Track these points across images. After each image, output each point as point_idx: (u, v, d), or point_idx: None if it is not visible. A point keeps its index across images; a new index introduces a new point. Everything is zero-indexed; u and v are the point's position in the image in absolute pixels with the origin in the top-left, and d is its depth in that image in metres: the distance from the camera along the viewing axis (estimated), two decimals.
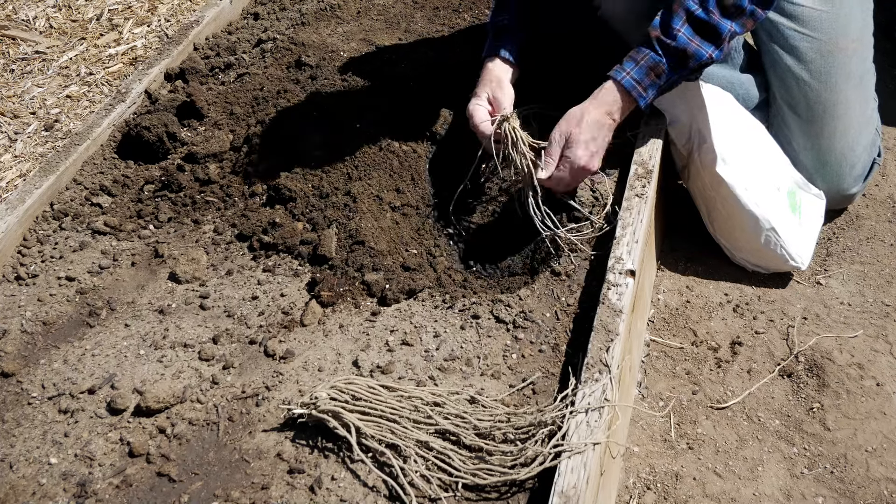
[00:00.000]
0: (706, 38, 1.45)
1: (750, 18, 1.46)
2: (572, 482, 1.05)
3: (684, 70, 1.46)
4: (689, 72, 1.48)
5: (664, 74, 1.46)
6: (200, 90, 1.89)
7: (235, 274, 1.52)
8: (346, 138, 1.66)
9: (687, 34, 1.44)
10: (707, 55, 1.45)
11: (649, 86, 1.46)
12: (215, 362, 1.34)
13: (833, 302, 1.61)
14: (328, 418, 1.17)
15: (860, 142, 1.68)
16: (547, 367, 1.28)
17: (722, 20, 1.44)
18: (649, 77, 1.46)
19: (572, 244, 1.47)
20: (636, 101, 1.46)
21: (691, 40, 1.44)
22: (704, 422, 1.43)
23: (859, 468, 1.34)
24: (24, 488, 1.17)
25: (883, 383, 1.45)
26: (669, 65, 1.45)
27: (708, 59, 1.45)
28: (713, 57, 1.45)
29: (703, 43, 1.44)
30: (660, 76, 1.46)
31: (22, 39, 2.71)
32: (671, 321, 1.60)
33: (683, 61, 1.45)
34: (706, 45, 1.45)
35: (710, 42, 1.45)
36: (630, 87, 1.46)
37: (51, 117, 2.39)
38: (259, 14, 2.23)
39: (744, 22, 1.46)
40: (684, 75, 1.49)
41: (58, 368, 1.35)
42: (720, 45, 1.45)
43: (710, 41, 1.45)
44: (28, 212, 1.64)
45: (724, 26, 1.44)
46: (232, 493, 1.14)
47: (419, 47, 1.98)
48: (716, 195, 1.58)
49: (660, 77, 1.46)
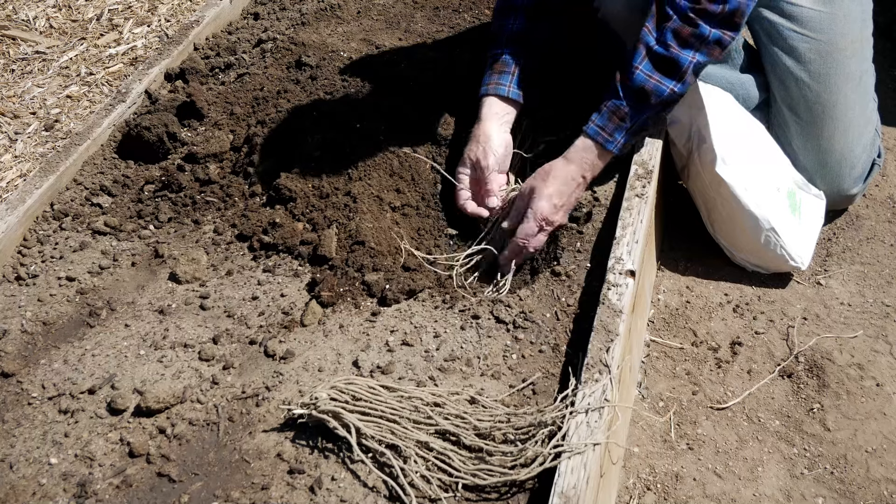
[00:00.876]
0: (665, 73, 1.43)
1: (715, 46, 1.44)
2: (572, 482, 1.05)
3: (648, 109, 1.45)
4: (653, 109, 1.46)
5: (628, 117, 1.45)
6: (200, 90, 1.89)
7: (235, 274, 1.52)
8: (347, 138, 1.66)
9: (645, 71, 1.43)
10: (668, 90, 1.43)
11: (615, 130, 1.46)
12: (215, 362, 1.34)
13: (833, 302, 1.61)
14: (328, 418, 1.17)
15: (860, 142, 1.68)
16: (547, 368, 1.28)
17: (682, 52, 1.42)
18: (612, 122, 1.46)
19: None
20: (604, 146, 1.47)
21: (650, 77, 1.43)
22: (704, 422, 1.43)
23: (859, 469, 1.34)
24: (24, 488, 1.17)
25: (883, 384, 1.45)
26: (631, 105, 1.45)
27: (669, 93, 1.43)
28: (675, 91, 1.44)
29: (664, 78, 1.43)
30: (623, 119, 1.46)
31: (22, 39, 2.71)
32: (671, 321, 1.60)
33: (644, 99, 1.44)
34: (666, 81, 1.43)
35: (671, 77, 1.43)
36: (594, 134, 1.47)
37: (51, 117, 2.39)
38: (259, 14, 2.23)
39: (709, 51, 1.43)
40: (651, 115, 1.47)
41: (58, 368, 1.35)
42: (682, 78, 1.43)
43: (669, 76, 1.43)
44: (28, 212, 1.64)
45: (685, 58, 1.42)
46: (232, 494, 1.14)
47: (419, 47, 1.98)
48: (716, 195, 1.58)
49: (624, 120, 1.46)
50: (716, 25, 1.42)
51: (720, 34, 1.43)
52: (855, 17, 1.65)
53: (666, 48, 1.42)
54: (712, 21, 1.42)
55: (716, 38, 1.43)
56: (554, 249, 1.48)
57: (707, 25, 1.42)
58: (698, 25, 1.41)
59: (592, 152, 1.48)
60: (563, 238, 1.49)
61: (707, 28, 1.42)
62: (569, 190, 1.48)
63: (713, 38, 1.43)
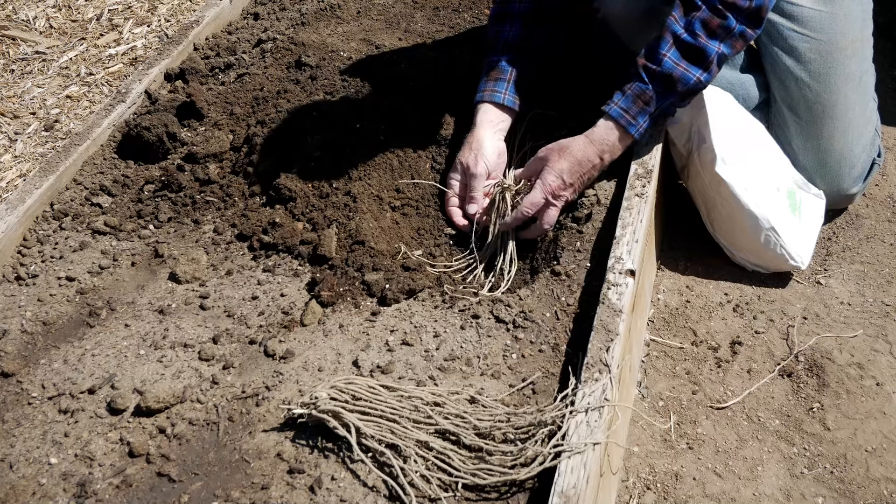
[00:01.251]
0: (693, 61, 1.44)
1: (739, 39, 1.45)
2: (572, 482, 1.05)
3: (673, 95, 1.46)
4: (679, 97, 1.46)
5: (653, 101, 1.45)
6: (200, 90, 1.89)
7: (235, 274, 1.52)
8: (347, 138, 1.66)
9: (673, 58, 1.44)
10: (695, 78, 1.44)
11: (638, 113, 1.46)
12: (215, 362, 1.34)
13: (833, 302, 1.61)
14: (328, 418, 1.17)
15: (860, 142, 1.68)
16: (547, 367, 1.28)
17: (709, 42, 1.43)
18: (637, 105, 1.46)
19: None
20: (626, 129, 1.47)
21: (677, 64, 1.43)
22: (704, 422, 1.43)
23: (859, 468, 1.34)
24: (24, 488, 1.17)
25: (883, 383, 1.45)
26: (657, 91, 1.45)
27: (696, 82, 1.44)
28: (701, 80, 1.44)
29: (690, 66, 1.44)
30: (648, 103, 1.46)
31: (22, 39, 2.71)
32: (671, 321, 1.60)
33: (671, 86, 1.44)
34: (693, 69, 1.44)
35: (697, 65, 1.44)
36: (617, 116, 1.47)
37: (51, 117, 2.39)
38: (259, 14, 2.23)
39: (732, 43, 1.44)
40: (676, 101, 1.48)
41: (58, 368, 1.35)
42: (708, 67, 1.44)
43: (696, 64, 1.44)
44: (28, 212, 1.64)
45: (712, 49, 1.43)
46: (232, 493, 1.14)
47: (419, 47, 1.98)
48: (715, 195, 1.58)
49: (648, 104, 1.46)
50: (742, 20, 1.43)
51: (744, 28, 1.44)
52: (855, 17, 1.65)
53: (694, 37, 1.43)
54: (740, 15, 1.43)
55: (740, 32, 1.44)
56: (554, 249, 1.48)
57: (734, 18, 1.43)
58: (727, 17, 1.42)
59: (614, 134, 1.47)
60: (563, 238, 1.49)
61: (734, 21, 1.43)
62: (582, 170, 1.48)
63: (738, 32, 1.44)
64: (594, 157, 1.48)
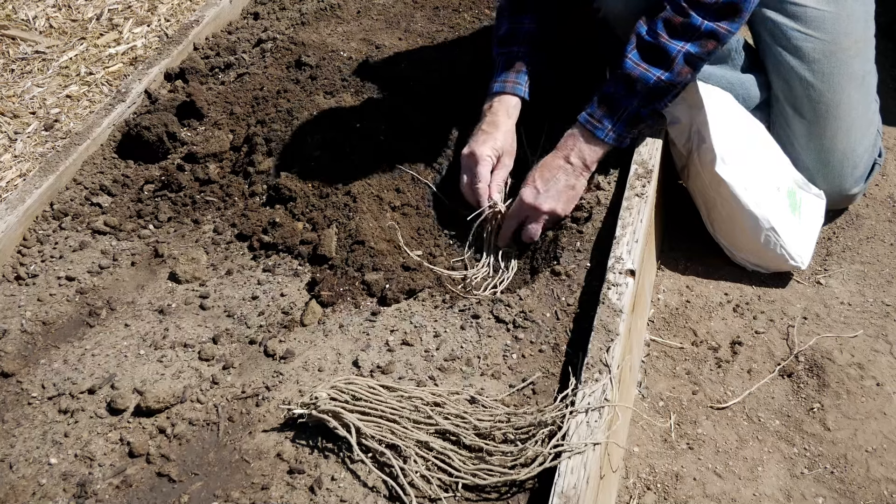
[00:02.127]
0: (653, 61, 1.44)
1: (710, 39, 1.43)
2: (572, 482, 1.05)
3: (635, 96, 1.46)
4: (641, 97, 1.46)
5: (615, 104, 1.46)
6: (200, 90, 1.89)
7: (235, 274, 1.52)
8: (347, 138, 1.66)
9: (633, 59, 1.45)
10: (654, 78, 1.44)
11: (603, 116, 1.48)
12: (215, 362, 1.34)
13: (833, 302, 1.61)
14: (328, 418, 1.17)
15: (862, 142, 1.68)
16: (547, 367, 1.28)
17: (671, 41, 1.43)
18: (601, 108, 1.48)
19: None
20: (592, 133, 1.48)
21: (637, 65, 1.44)
22: (704, 422, 1.43)
23: (859, 468, 1.34)
24: (24, 488, 1.17)
25: (883, 383, 1.45)
26: (619, 93, 1.46)
27: (656, 81, 1.44)
28: (662, 80, 1.44)
29: (650, 67, 1.44)
30: (611, 106, 1.47)
31: (22, 39, 2.71)
32: (671, 321, 1.60)
33: (631, 87, 1.45)
34: (653, 69, 1.44)
35: (658, 65, 1.44)
36: (584, 121, 1.49)
37: (51, 117, 2.39)
38: (259, 14, 2.23)
39: (702, 42, 1.43)
40: (642, 102, 1.47)
41: (58, 368, 1.35)
42: (670, 67, 1.43)
43: (657, 64, 1.44)
44: (28, 212, 1.64)
45: (673, 48, 1.43)
46: (232, 494, 1.14)
47: (419, 47, 1.98)
48: (715, 195, 1.58)
49: (612, 107, 1.47)
50: (710, 17, 1.42)
51: (713, 26, 1.43)
52: (859, 17, 1.65)
53: (655, 37, 1.44)
54: (705, 12, 1.42)
55: (709, 30, 1.43)
56: (554, 249, 1.48)
57: (698, 16, 1.42)
58: (689, 15, 1.42)
59: (578, 138, 1.50)
60: (563, 238, 1.49)
61: (699, 19, 1.42)
62: (551, 175, 1.50)
63: (706, 30, 1.43)
64: (561, 160, 1.50)
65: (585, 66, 1.77)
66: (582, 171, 1.51)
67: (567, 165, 1.50)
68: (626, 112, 1.47)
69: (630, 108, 1.47)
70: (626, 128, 1.50)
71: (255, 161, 1.69)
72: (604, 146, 1.50)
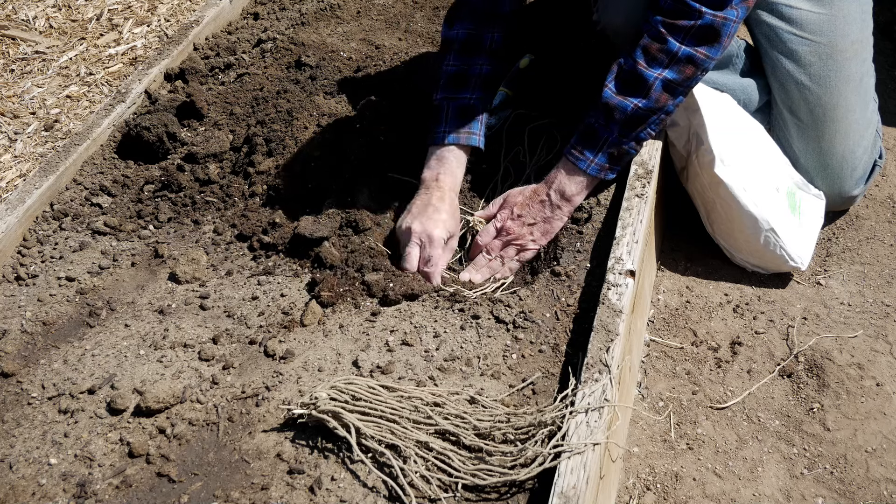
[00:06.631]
0: (631, 89, 1.44)
1: (688, 64, 1.42)
2: (572, 483, 1.05)
3: (615, 125, 1.45)
4: (620, 126, 1.45)
5: (597, 134, 1.46)
6: (200, 90, 1.89)
7: (235, 274, 1.52)
8: (346, 138, 1.66)
9: (612, 89, 1.45)
10: (632, 106, 1.43)
11: (584, 148, 1.48)
12: (215, 362, 1.34)
13: (833, 302, 1.61)
14: (328, 418, 1.17)
15: (861, 144, 1.68)
16: (547, 368, 1.28)
17: (648, 69, 1.42)
18: (583, 140, 1.48)
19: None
20: (575, 164, 1.48)
21: (615, 94, 1.44)
22: (704, 422, 1.43)
23: (859, 468, 1.34)
24: (23, 488, 1.17)
25: (883, 383, 1.45)
26: (599, 123, 1.46)
27: (633, 109, 1.43)
28: (640, 107, 1.43)
29: (628, 96, 1.44)
30: (593, 136, 1.47)
31: (22, 39, 2.71)
32: (671, 321, 1.60)
33: (610, 116, 1.45)
34: (631, 98, 1.43)
35: (635, 94, 1.43)
36: (566, 153, 1.50)
37: (51, 117, 2.39)
38: (259, 14, 2.23)
39: (680, 68, 1.42)
40: (623, 131, 1.45)
41: (58, 368, 1.35)
42: (647, 94, 1.43)
43: (634, 93, 1.43)
44: (28, 212, 1.64)
45: (650, 75, 1.42)
46: (232, 494, 1.14)
47: (419, 47, 1.98)
48: (715, 196, 1.58)
49: (593, 137, 1.47)
50: (688, 42, 1.41)
51: (691, 51, 1.41)
52: (854, 18, 1.65)
53: (633, 65, 1.44)
54: (683, 35, 1.41)
55: (686, 55, 1.41)
56: (554, 249, 1.48)
57: (675, 41, 1.41)
58: (667, 41, 1.41)
59: (560, 171, 1.50)
60: (563, 238, 1.49)
61: (676, 44, 1.41)
62: (529, 202, 1.50)
63: (683, 55, 1.41)
64: (542, 193, 1.50)
65: (591, 75, 1.77)
66: (560, 204, 1.50)
67: (546, 199, 1.50)
68: (607, 142, 1.47)
69: (611, 138, 1.46)
70: (609, 159, 1.48)
71: (255, 161, 1.69)
72: (586, 177, 1.49)
